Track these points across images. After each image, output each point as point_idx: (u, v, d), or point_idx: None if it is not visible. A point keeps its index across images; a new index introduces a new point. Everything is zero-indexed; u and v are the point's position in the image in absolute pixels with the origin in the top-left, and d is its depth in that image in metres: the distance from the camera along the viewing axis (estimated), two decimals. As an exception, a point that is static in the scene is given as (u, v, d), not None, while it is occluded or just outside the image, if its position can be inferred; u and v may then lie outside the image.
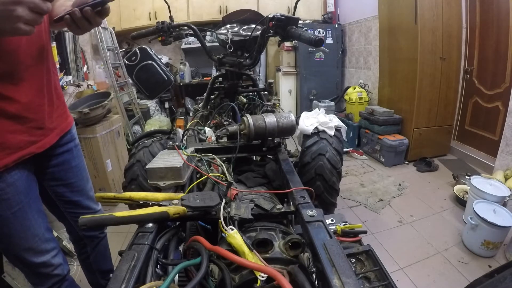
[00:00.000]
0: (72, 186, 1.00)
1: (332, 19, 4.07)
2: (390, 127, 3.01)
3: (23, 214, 0.80)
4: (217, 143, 1.02)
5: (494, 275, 0.98)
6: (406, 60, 2.88)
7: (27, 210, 0.81)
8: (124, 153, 2.60)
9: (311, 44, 0.91)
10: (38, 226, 0.86)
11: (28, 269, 0.89)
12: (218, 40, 1.47)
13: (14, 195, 0.77)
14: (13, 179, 0.76)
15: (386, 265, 0.55)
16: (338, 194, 1.27)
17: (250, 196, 0.78)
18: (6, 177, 0.74)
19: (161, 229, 0.60)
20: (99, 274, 1.25)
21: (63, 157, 0.95)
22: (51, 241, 0.92)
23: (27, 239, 0.83)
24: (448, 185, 2.50)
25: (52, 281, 0.93)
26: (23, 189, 0.79)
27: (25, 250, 0.84)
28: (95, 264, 1.23)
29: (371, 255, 0.57)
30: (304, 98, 4.12)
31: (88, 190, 1.07)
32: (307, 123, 1.32)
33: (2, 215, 0.77)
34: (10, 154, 0.74)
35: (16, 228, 0.80)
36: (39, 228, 0.86)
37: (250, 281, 0.52)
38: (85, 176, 1.06)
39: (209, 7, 3.97)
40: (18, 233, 0.81)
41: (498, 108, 2.61)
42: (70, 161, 0.97)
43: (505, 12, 2.45)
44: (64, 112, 0.95)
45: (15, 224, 0.79)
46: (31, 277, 0.93)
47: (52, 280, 0.93)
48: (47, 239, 0.89)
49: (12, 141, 0.74)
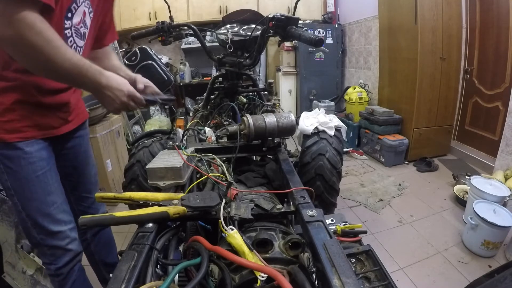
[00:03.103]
0: (79, 169, 1.11)
1: (332, 19, 4.07)
2: (390, 127, 3.01)
3: (45, 179, 0.90)
4: (217, 143, 1.02)
5: (494, 275, 0.98)
6: (406, 60, 2.88)
7: (48, 176, 0.91)
8: (124, 153, 2.60)
9: (311, 44, 0.91)
10: (57, 195, 0.94)
11: (46, 237, 0.94)
12: (218, 40, 1.47)
13: (39, 160, 0.88)
14: (39, 147, 0.88)
15: (386, 265, 0.55)
16: (338, 194, 1.27)
17: (250, 196, 0.78)
18: (34, 144, 0.87)
19: (161, 229, 0.60)
20: (104, 267, 1.26)
21: (75, 141, 1.07)
22: (68, 214, 0.99)
23: (47, 203, 0.91)
24: (448, 185, 2.50)
25: (66, 258, 0.97)
26: (46, 157, 0.90)
27: (44, 215, 0.92)
28: (97, 254, 1.24)
29: (371, 255, 0.57)
30: (304, 98, 4.12)
31: (92, 175, 1.17)
32: (307, 123, 1.32)
33: (28, 177, 0.87)
34: (39, 130, 0.88)
35: (37, 191, 0.89)
36: (57, 197, 0.94)
37: (250, 281, 0.52)
38: (91, 162, 1.17)
39: (209, 7, 3.97)
40: (39, 196, 0.90)
41: (498, 108, 2.61)
42: (81, 146, 1.10)
43: (505, 12, 2.45)
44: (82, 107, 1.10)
45: (38, 187, 0.89)
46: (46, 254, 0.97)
47: (65, 257, 0.97)
48: (65, 210, 0.97)
49: (41, 122, 0.88)
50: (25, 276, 1.40)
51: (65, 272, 0.98)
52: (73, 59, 0.67)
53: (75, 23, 0.81)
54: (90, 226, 0.56)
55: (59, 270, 0.97)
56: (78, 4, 0.78)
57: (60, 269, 0.97)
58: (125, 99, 0.76)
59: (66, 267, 0.97)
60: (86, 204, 1.15)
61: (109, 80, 0.74)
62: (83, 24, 0.85)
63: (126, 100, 0.77)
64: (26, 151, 0.85)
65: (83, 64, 0.70)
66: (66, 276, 0.99)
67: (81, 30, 0.85)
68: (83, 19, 0.84)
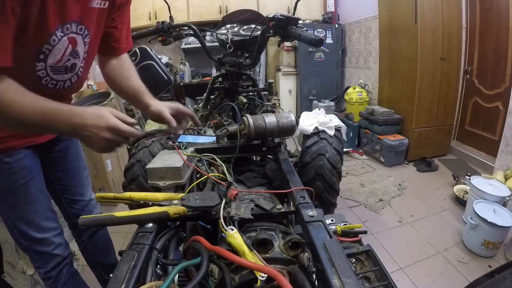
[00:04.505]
0: (69, 172, 1.09)
1: (332, 19, 4.07)
2: (390, 127, 3.01)
3: (27, 188, 0.88)
4: (217, 143, 1.02)
5: (494, 275, 0.98)
6: (406, 60, 2.88)
7: (30, 185, 0.89)
8: (124, 153, 2.60)
9: (311, 44, 0.91)
10: (40, 204, 0.93)
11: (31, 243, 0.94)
12: (218, 40, 1.47)
13: (20, 170, 0.86)
14: (20, 156, 0.86)
15: (386, 265, 0.54)
16: (338, 194, 1.27)
17: (250, 196, 0.78)
18: (13, 154, 0.85)
19: (161, 229, 0.60)
20: (102, 269, 1.25)
21: (64, 144, 1.04)
22: (53, 221, 0.98)
23: (29, 212, 0.90)
24: (448, 185, 2.50)
25: (53, 262, 0.98)
26: (27, 166, 0.88)
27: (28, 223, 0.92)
28: (94, 256, 1.24)
29: (371, 255, 0.57)
30: (304, 98, 4.12)
31: (83, 178, 1.15)
32: (307, 123, 1.32)
33: (8, 188, 0.86)
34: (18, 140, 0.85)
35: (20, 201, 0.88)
36: (40, 205, 0.93)
37: (250, 281, 0.52)
38: (81, 164, 1.14)
39: (209, 7, 3.97)
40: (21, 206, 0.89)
41: (498, 108, 2.61)
42: (68, 149, 1.06)
43: (505, 12, 2.45)
44: None
45: (19, 197, 0.88)
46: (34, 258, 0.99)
47: (53, 261, 0.98)
48: (49, 218, 0.96)
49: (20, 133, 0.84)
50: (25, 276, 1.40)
51: (54, 275, 0.99)
52: (35, 110, 0.60)
53: (52, 63, 0.74)
54: (90, 226, 0.56)
55: (47, 274, 0.99)
56: (52, 44, 0.70)
57: (48, 273, 0.99)
58: (106, 135, 0.63)
59: (54, 270, 0.99)
60: (78, 207, 1.14)
61: (84, 118, 0.62)
62: (70, 56, 0.77)
63: (109, 135, 0.64)
64: (6, 162, 0.83)
65: (49, 111, 0.61)
66: (56, 279, 1.00)
67: (66, 63, 0.78)
68: (70, 52, 0.76)
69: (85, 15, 0.75)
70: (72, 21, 0.72)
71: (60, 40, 0.71)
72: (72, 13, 0.70)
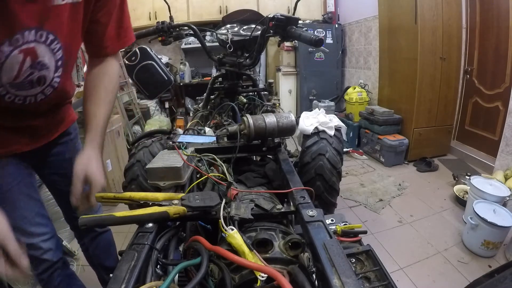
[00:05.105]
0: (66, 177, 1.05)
1: (332, 19, 4.07)
2: (390, 127, 3.01)
3: (12, 195, 0.87)
4: (217, 143, 1.02)
5: (494, 275, 0.98)
6: (406, 60, 2.88)
7: (17, 192, 0.88)
8: (124, 153, 2.60)
9: (311, 44, 0.91)
10: (27, 209, 0.91)
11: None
12: (218, 40, 1.47)
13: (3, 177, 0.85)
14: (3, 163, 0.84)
15: (386, 265, 0.54)
16: (338, 194, 1.27)
17: (250, 196, 0.78)
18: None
19: (161, 229, 0.60)
20: (102, 270, 1.25)
21: (59, 148, 1.01)
22: (42, 226, 0.95)
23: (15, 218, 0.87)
24: (448, 185, 2.50)
25: (43, 266, 0.97)
26: (12, 172, 0.86)
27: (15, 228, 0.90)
28: (95, 257, 1.23)
29: (371, 255, 0.57)
30: (304, 98, 4.12)
31: None
32: (307, 123, 1.32)
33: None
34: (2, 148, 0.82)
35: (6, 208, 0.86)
36: (27, 211, 0.91)
37: (250, 281, 0.52)
38: None
39: (209, 7, 3.97)
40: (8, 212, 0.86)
41: (498, 108, 2.61)
42: (64, 153, 1.02)
43: (505, 12, 2.45)
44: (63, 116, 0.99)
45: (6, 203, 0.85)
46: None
47: (42, 265, 0.97)
48: (37, 223, 0.94)
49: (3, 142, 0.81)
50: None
51: (45, 278, 0.99)
52: None
53: (8, 80, 0.66)
54: (90, 226, 0.56)
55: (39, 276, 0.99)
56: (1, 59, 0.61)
57: (40, 275, 0.98)
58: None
59: (44, 274, 0.98)
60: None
61: None
62: (33, 69, 0.69)
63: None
64: None
65: None
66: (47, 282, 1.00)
67: (30, 78, 0.70)
68: (31, 64, 0.67)
69: (47, 17, 0.63)
70: (26, 29, 0.61)
71: (9, 56, 0.62)
72: (25, 19, 0.60)
